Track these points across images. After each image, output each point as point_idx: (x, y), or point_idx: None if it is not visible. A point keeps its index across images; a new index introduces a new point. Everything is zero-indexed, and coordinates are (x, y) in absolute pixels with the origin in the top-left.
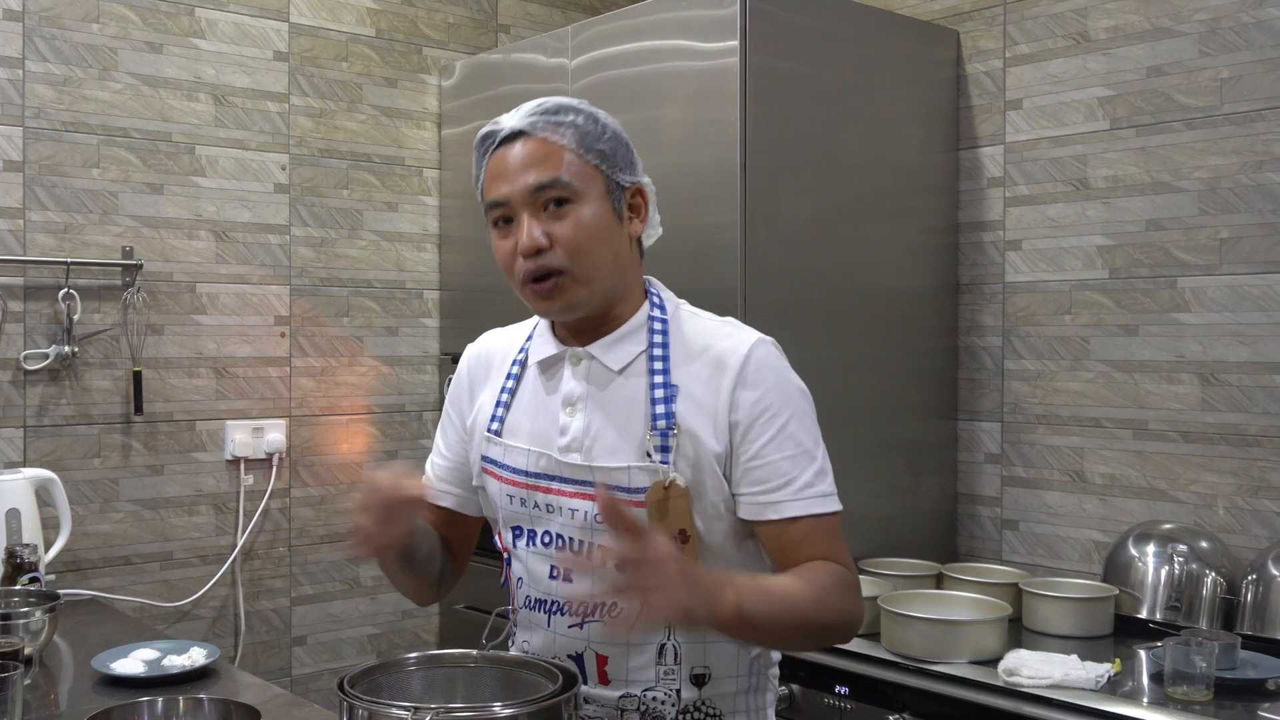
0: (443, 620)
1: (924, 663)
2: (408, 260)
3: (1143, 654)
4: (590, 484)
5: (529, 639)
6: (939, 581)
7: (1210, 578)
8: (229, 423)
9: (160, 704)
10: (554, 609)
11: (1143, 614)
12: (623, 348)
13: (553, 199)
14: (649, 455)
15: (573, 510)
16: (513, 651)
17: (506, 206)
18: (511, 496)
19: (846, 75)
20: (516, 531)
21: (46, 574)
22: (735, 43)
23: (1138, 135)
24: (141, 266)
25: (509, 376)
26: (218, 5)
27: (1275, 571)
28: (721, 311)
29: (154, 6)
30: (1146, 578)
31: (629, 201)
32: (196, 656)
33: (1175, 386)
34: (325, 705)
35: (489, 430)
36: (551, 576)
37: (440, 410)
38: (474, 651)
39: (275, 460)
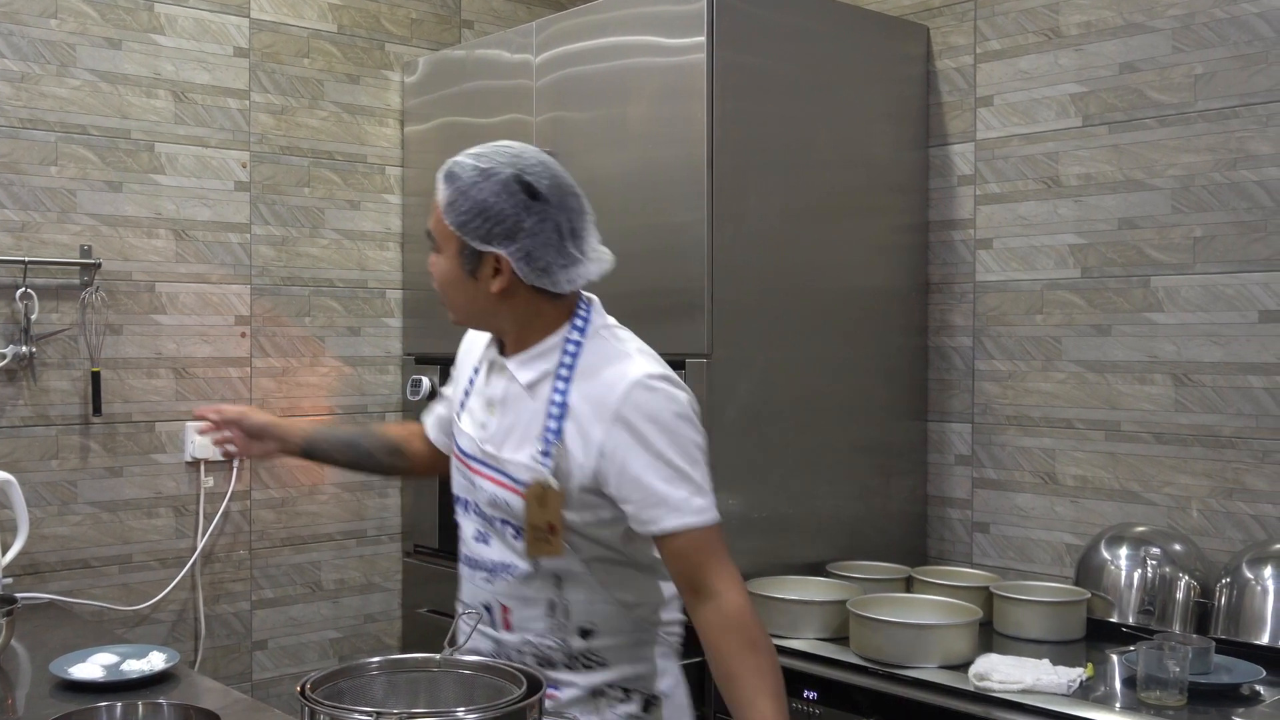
0: (405, 624)
1: (893, 667)
2: (370, 259)
3: (1115, 658)
4: (495, 469)
5: (463, 589)
6: (908, 585)
7: (1184, 581)
8: (189, 424)
9: (119, 709)
10: (475, 565)
11: (1115, 618)
12: (534, 365)
13: (429, 241)
14: (534, 459)
15: (483, 487)
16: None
17: None
18: (456, 469)
19: (815, 71)
20: (456, 499)
21: (3, 577)
22: (702, 38)
23: (1110, 132)
24: (100, 266)
25: (475, 370)
26: (177, 1)
27: (1249, 575)
28: (690, 312)
29: (113, 2)
30: (1119, 581)
31: (489, 266)
32: (156, 661)
33: (1148, 387)
34: (286, 710)
35: (455, 412)
36: (475, 539)
37: (402, 411)
38: (437, 656)
39: (235, 462)
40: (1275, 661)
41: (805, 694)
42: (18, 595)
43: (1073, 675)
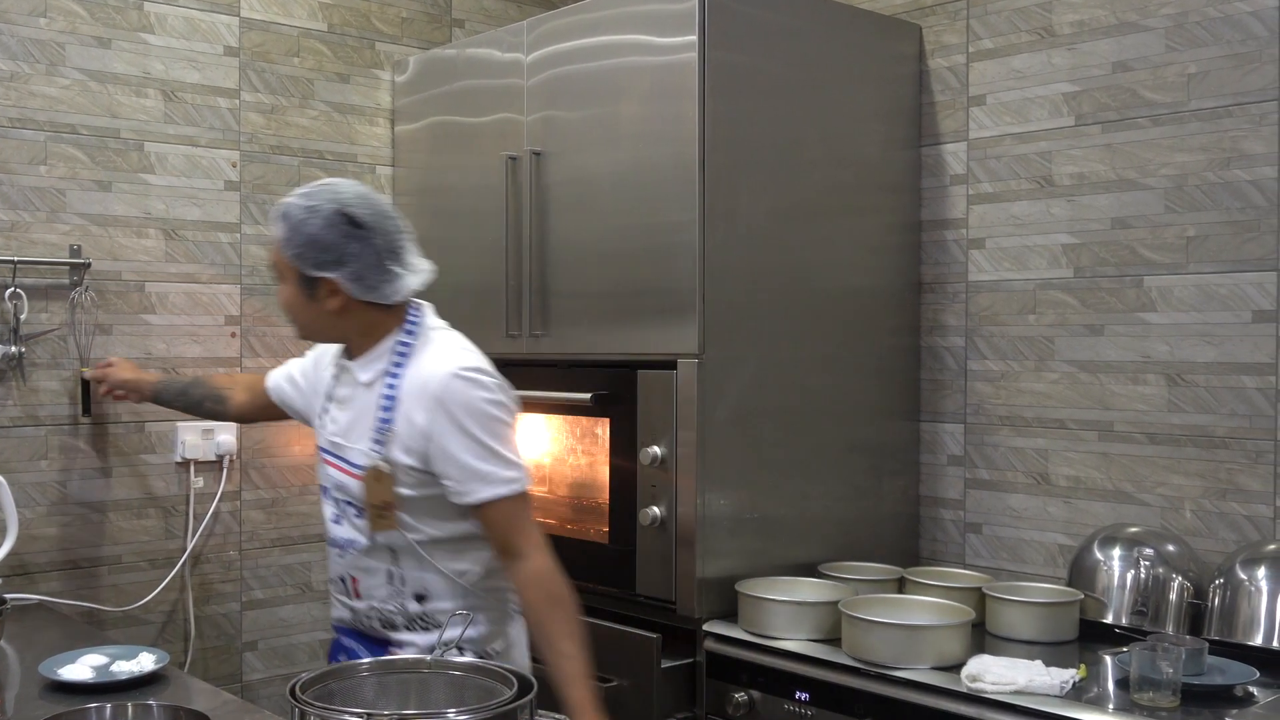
0: None
1: (886, 668)
2: None
3: (1108, 659)
4: (339, 458)
5: (329, 564)
6: (901, 586)
7: (1177, 582)
8: (179, 424)
9: (109, 710)
10: (332, 542)
11: (1108, 619)
12: (371, 366)
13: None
14: (370, 446)
15: (331, 475)
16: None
17: None
18: (320, 462)
19: (807, 70)
20: (321, 488)
21: None
22: (694, 37)
23: (1103, 132)
24: (89, 265)
25: (334, 373)
26: (167, 0)
27: (1243, 575)
28: (682, 311)
29: (102, 1)
30: (1112, 582)
31: (325, 289)
32: (145, 662)
33: (1141, 387)
34: (277, 711)
35: (321, 408)
36: (331, 520)
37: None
38: (427, 657)
39: (225, 463)
40: (1269, 663)
41: (797, 695)
42: (7, 596)
43: (1065, 676)
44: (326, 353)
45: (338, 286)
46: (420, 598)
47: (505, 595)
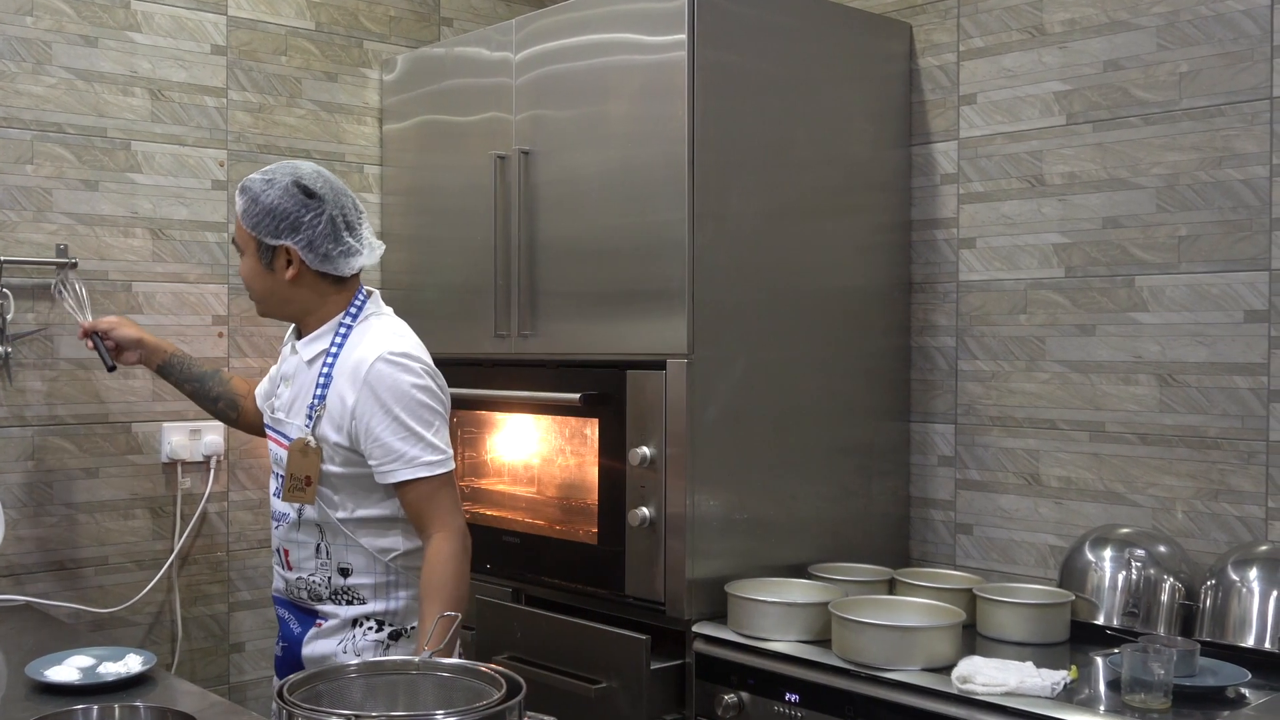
0: None
1: (876, 670)
2: None
3: (1099, 661)
4: (279, 433)
5: (272, 538)
6: (891, 587)
7: (1168, 583)
8: (165, 425)
9: (95, 712)
10: (273, 515)
11: (1099, 620)
12: (314, 345)
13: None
14: (303, 421)
15: (273, 449)
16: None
17: None
18: (267, 437)
19: (796, 69)
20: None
21: None
22: (683, 36)
23: (1094, 131)
24: (76, 265)
25: (283, 355)
26: None
27: (1235, 577)
28: (671, 311)
29: None
30: (1103, 583)
31: (282, 258)
32: (132, 664)
33: (1133, 388)
34: (264, 713)
35: (276, 388)
36: (274, 495)
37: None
38: (415, 659)
39: (213, 463)
40: (1261, 664)
41: (787, 697)
42: None
43: (1056, 678)
44: (288, 342)
45: (293, 254)
46: (344, 572)
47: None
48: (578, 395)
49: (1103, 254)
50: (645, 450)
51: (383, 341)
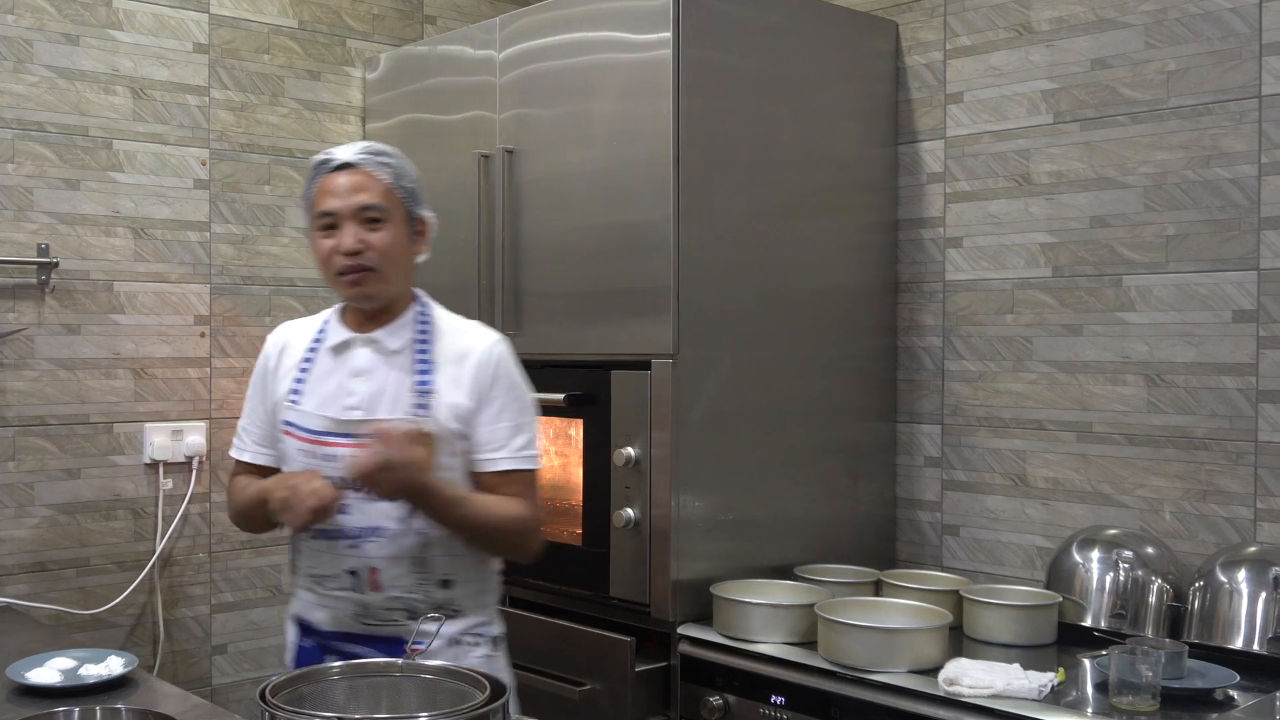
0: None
1: (862, 672)
2: None
3: (1087, 663)
4: (365, 435)
5: (314, 564)
6: (877, 589)
7: (1156, 584)
8: (147, 425)
9: (77, 714)
10: (335, 535)
11: (1087, 622)
12: (399, 334)
13: (371, 217)
14: (412, 411)
15: (351, 456)
16: (299, 580)
17: (334, 217)
18: (304, 451)
19: (782, 68)
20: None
21: None
22: (668, 34)
23: (1082, 129)
24: (57, 264)
25: (305, 359)
26: None
27: (1223, 578)
28: (656, 311)
29: None
30: (1091, 584)
31: (418, 229)
32: (114, 665)
33: (1120, 388)
34: (246, 715)
35: (289, 399)
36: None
37: None
38: (398, 661)
39: (195, 464)
40: (1249, 666)
41: (773, 699)
42: None
43: (1044, 680)
44: (286, 348)
45: (427, 228)
46: (446, 583)
47: (498, 576)
48: (562, 395)
49: (1090, 253)
50: (630, 451)
51: (483, 328)
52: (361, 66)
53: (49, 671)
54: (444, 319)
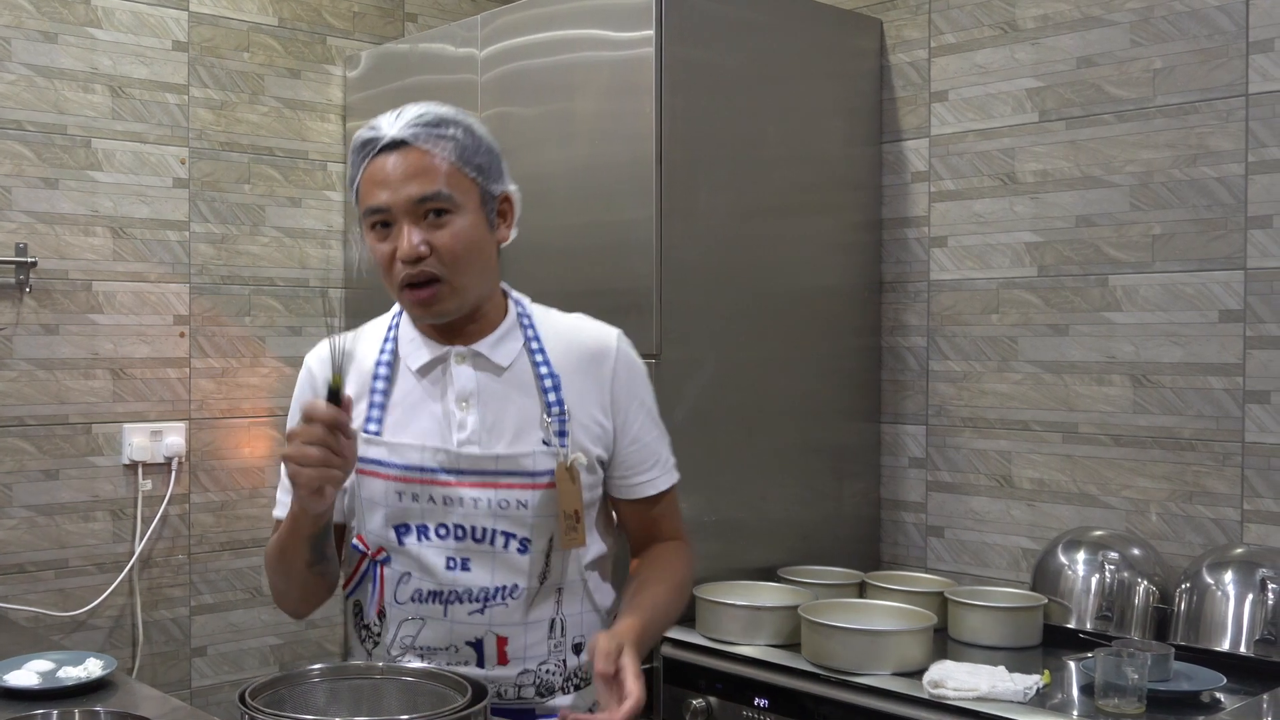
0: (347, 631)
1: (846, 674)
2: (311, 257)
3: (1072, 665)
4: (490, 473)
5: (417, 634)
6: (861, 590)
7: (1142, 586)
8: (126, 426)
9: (55, 717)
10: (452, 598)
11: (1072, 624)
12: (505, 345)
13: (433, 209)
14: (547, 440)
15: (475, 500)
16: (387, 650)
17: (386, 213)
18: (400, 493)
19: (766, 66)
20: (403, 529)
21: None
22: (651, 32)
23: (1067, 128)
24: (36, 264)
25: (377, 378)
26: None
27: (1210, 580)
28: (639, 311)
29: None
30: (1076, 586)
31: (498, 209)
32: (93, 668)
33: (1106, 388)
34: (226, 718)
35: (366, 431)
36: (449, 567)
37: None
38: (380, 663)
39: (174, 465)
40: (1236, 668)
41: (756, 701)
42: None
43: (1029, 682)
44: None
45: (513, 204)
46: (578, 648)
47: None
48: None
49: (1076, 253)
50: None
51: (596, 321)
52: (342, 64)
53: (27, 674)
54: (546, 318)
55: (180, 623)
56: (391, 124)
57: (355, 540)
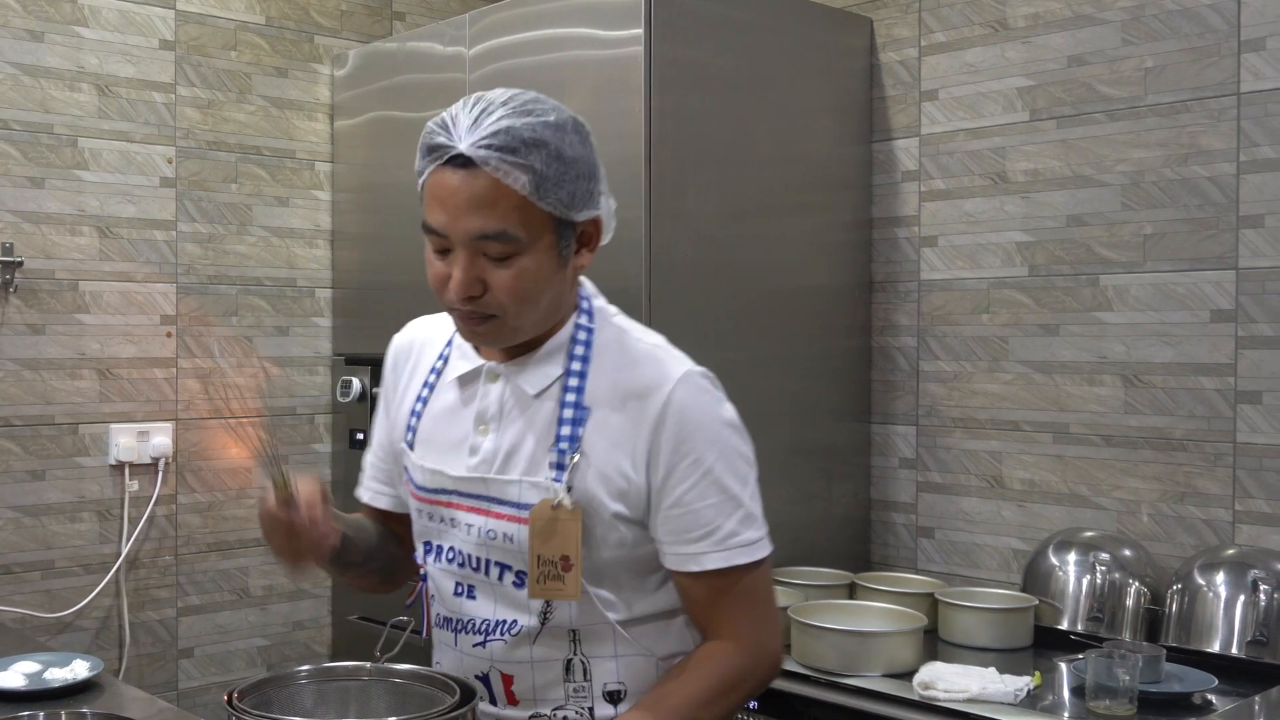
0: (335, 632)
1: (836, 676)
2: (299, 257)
3: (1063, 667)
4: (482, 498)
5: (441, 659)
6: (851, 591)
7: (1134, 587)
8: (113, 426)
9: (41, 718)
10: (459, 627)
11: (1063, 625)
12: (541, 370)
13: (494, 249)
14: (547, 476)
15: (468, 525)
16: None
17: (445, 239)
18: (419, 510)
19: (755, 65)
20: (426, 547)
21: None
22: (640, 31)
23: (1058, 127)
24: (22, 264)
25: (425, 385)
26: None
27: (1201, 581)
28: (628, 311)
29: None
30: (1067, 587)
31: (578, 234)
32: (79, 669)
33: (1097, 388)
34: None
35: (404, 441)
36: (456, 593)
37: (332, 414)
38: (368, 664)
39: (161, 465)
40: (1227, 670)
41: (746, 703)
42: None
43: (1020, 684)
44: (412, 357)
45: (599, 226)
46: (614, 696)
47: None
48: None
49: (1067, 252)
50: None
51: (671, 357)
52: (330, 63)
53: (13, 675)
54: (610, 340)
55: (167, 624)
56: (466, 132)
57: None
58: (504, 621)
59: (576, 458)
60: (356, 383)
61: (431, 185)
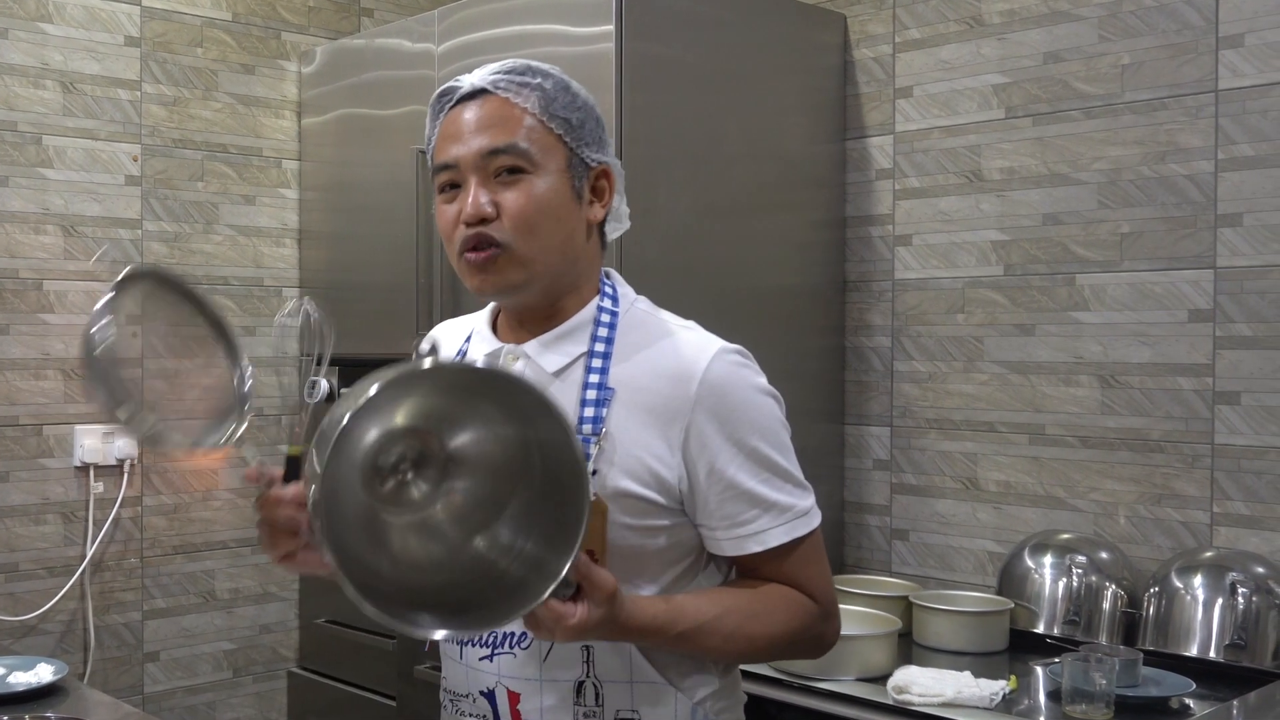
0: (303, 635)
1: (809, 680)
2: (266, 256)
3: (1039, 670)
4: None
5: (448, 674)
6: None
7: (1110, 590)
8: (78, 427)
9: None
10: (464, 640)
11: (1039, 628)
12: (561, 348)
13: (506, 166)
14: None
15: None
16: (447, 698)
17: (455, 170)
18: None
19: (727, 62)
20: None
21: None
22: (610, 27)
23: (1034, 124)
24: None
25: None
26: None
27: (1178, 584)
28: None
29: None
30: (1043, 590)
31: (592, 182)
32: (43, 673)
33: (1074, 389)
34: None
35: None
36: None
37: (299, 413)
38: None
39: (126, 467)
40: (1205, 673)
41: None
42: None
43: (995, 688)
44: (429, 350)
45: (612, 180)
46: None
47: (731, 714)
48: None
49: (1043, 251)
50: None
51: (701, 334)
52: (297, 60)
53: None
54: (638, 320)
55: (132, 627)
56: (474, 74)
57: None
58: (512, 634)
59: (601, 445)
60: (324, 384)
61: (444, 127)
